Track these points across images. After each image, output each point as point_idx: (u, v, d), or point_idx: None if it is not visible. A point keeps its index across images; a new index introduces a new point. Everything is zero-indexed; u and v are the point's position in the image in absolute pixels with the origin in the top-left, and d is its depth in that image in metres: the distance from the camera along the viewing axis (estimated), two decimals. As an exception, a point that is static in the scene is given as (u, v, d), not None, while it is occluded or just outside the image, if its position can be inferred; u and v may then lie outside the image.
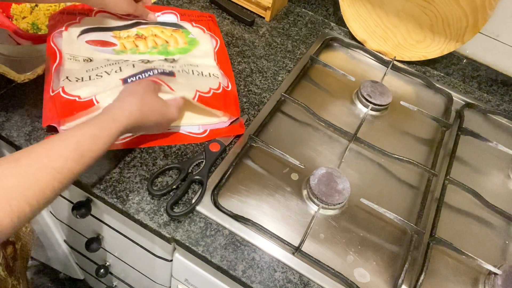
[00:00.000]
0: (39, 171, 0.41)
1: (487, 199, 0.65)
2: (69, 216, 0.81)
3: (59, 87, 0.57)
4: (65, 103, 0.55)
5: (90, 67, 0.60)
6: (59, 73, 0.59)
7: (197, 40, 0.72)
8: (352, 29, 0.87)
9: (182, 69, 0.64)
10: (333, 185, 0.61)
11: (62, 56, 0.61)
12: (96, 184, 0.57)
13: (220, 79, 0.67)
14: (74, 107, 0.55)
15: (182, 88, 0.60)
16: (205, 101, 0.61)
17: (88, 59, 0.62)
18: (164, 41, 0.69)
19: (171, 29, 0.72)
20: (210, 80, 0.66)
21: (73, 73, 0.59)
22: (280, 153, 0.63)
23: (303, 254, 0.55)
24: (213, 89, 0.64)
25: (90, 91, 0.57)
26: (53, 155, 0.43)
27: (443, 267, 0.59)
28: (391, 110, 0.78)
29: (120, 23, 0.69)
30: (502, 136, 0.79)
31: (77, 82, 0.58)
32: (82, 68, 0.60)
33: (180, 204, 0.57)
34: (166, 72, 0.59)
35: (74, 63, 0.61)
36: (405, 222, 0.59)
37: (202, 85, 0.63)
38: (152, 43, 0.68)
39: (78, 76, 0.59)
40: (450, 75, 0.87)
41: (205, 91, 0.62)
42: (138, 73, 0.58)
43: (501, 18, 0.75)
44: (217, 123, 0.65)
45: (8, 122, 0.60)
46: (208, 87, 0.63)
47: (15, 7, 0.73)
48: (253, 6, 0.88)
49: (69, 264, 1.11)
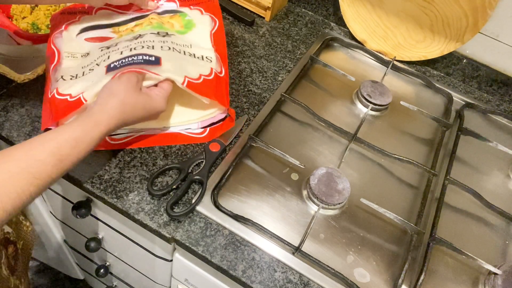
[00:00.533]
0: (16, 176, 0.40)
1: (487, 199, 0.65)
2: (69, 216, 0.81)
3: (54, 88, 0.57)
4: (58, 104, 0.55)
5: (86, 62, 0.60)
6: (56, 73, 0.59)
7: (194, 22, 0.70)
8: (352, 29, 0.87)
9: (173, 47, 0.61)
10: (333, 185, 0.61)
11: (61, 55, 0.61)
12: (96, 184, 0.57)
13: (213, 64, 0.64)
14: (66, 107, 0.54)
15: (169, 74, 0.57)
16: (194, 87, 0.58)
17: (86, 54, 0.62)
18: (160, 23, 0.68)
19: (168, 16, 0.71)
20: (202, 64, 0.63)
21: (69, 71, 0.59)
22: (280, 153, 0.63)
23: (303, 254, 0.55)
24: (203, 75, 0.61)
25: (81, 87, 0.56)
26: (31, 159, 0.41)
27: (443, 267, 0.59)
28: (391, 110, 0.78)
29: (119, 19, 0.69)
30: (502, 136, 0.79)
31: (71, 80, 0.57)
32: (78, 65, 0.60)
33: (180, 204, 0.57)
34: (152, 60, 0.56)
35: (71, 60, 0.60)
36: (405, 222, 0.59)
37: (192, 71, 0.60)
38: (148, 23, 0.66)
39: (73, 74, 0.58)
40: (450, 75, 0.87)
41: (195, 77, 0.59)
42: (121, 58, 0.55)
43: (501, 18, 0.75)
44: (214, 116, 0.64)
45: (8, 122, 0.60)
46: (199, 73, 0.61)
47: (15, 7, 0.73)
48: (253, 6, 0.88)
49: (69, 264, 1.11)
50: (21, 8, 0.73)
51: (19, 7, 0.73)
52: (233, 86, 0.73)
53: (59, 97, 0.55)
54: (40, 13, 0.74)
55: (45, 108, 0.57)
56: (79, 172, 0.57)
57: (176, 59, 0.60)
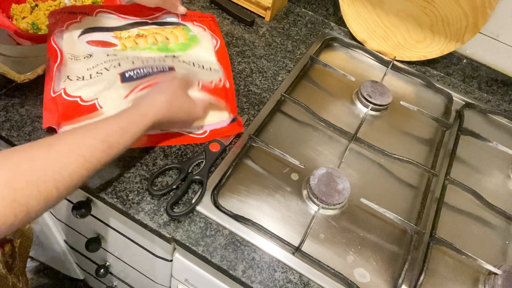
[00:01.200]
0: (69, 158, 0.42)
1: (487, 199, 0.65)
2: (69, 216, 0.81)
3: (60, 88, 0.57)
4: (67, 105, 0.56)
5: (91, 64, 0.60)
6: (61, 73, 0.59)
7: (198, 37, 0.72)
8: (352, 29, 0.87)
9: (183, 60, 0.64)
10: (333, 185, 0.61)
11: (64, 56, 0.61)
12: (96, 184, 0.57)
13: (221, 74, 0.67)
14: (76, 109, 0.56)
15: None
16: (208, 89, 0.61)
17: (88, 56, 0.62)
18: (165, 38, 0.69)
19: (171, 27, 0.72)
20: (212, 73, 0.66)
21: (75, 72, 0.59)
22: (280, 153, 0.63)
23: (303, 254, 0.55)
24: (215, 81, 0.64)
25: (91, 91, 0.57)
26: (83, 144, 0.44)
27: (443, 267, 0.59)
28: (391, 110, 0.78)
29: (121, 22, 0.69)
30: (502, 136, 0.79)
31: (78, 81, 0.58)
32: (82, 67, 0.60)
33: (180, 204, 0.57)
34: (166, 70, 0.59)
35: (75, 62, 0.61)
36: (405, 222, 0.59)
37: (204, 77, 0.63)
38: (152, 39, 0.68)
39: (79, 75, 0.59)
40: (450, 75, 0.87)
41: (208, 81, 0.63)
42: (135, 68, 0.58)
43: (501, 18, 0.75)
44: (217, 122, 0.65)
45: (8, 122, 0.60)
46: (210, 79, 0.64)
47: (15, 7, 0.73)
48: (253, 6, 0.88)
49: (69, 264, 1.11)
50: (21, 8, 0.73)
51: (19, 7, 0.73)
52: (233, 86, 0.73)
53: (67, 98, 0.56)
54: (40, 13, 0.74)
55: (48, 107, 0.57)
56: (79, 172, 0.57)
57: (187, 69, 0.63)
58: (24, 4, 0.74)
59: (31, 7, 0.74)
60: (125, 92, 0.58)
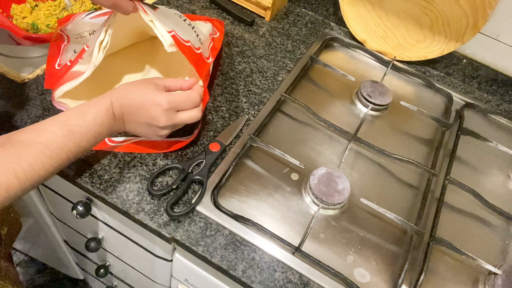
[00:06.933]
0: (26, 146, 0.42)
1: (487, 199, 0.65)
2: (69, 216, 0.81)
3: (66, 61, 0.59)
4: (71, 72, 0.57)
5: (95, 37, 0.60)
6: (68, 51, 0.62)
7: (198, 23, 0.71)
8: (352, 29, 0.87)
9: (174, 13, 0.60)
10: (333, 185, 0.61)
11: (70, 38, 0.63)
12: (96, 184, 0.57)
13: (203, 46, 0.62)
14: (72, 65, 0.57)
15: (160, 22, 0.54)
16: (180, 45, 0.55)
17: (92, 32, 0.63)
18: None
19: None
20: (194, 37, 0.60)
21: (80, 47, 0.60)
22: (280, 153, 0.63)
23: (303, 254, 0.55)
24: (192, 45, 0.58)
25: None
26: (41, 130, 0.45)
27: (443, 267, 0.59)
28: (391, 110, 0.78)
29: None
30: (502, 136, 0.79)
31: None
32: (86, 42, 0.61)
33: (180, 204, 0.57)
34: (150, 4, 0.55)
35: (81, 40, 0.63)
36: (405, 222, 0.59)
37: (183, 34, 0.57)
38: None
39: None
40: (450, 75, 0.87)
41: (184, 39, 0.56)
42: None
43: (501, 18, 0.75)
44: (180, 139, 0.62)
45: (8, 122, 0.60)
46: (188, 39, 0.58)
47: (15, 7, 0.73)
48: (253, 6, 0.88)
49: (69, 264, 1.11)
50: (21, 8, 0.73)
51: (19, 7, 0.73)
52: (233, 86, 0.73)
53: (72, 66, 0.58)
54: (40, 13, 0.74)
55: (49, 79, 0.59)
56: (79, 172, 0.57)
57: (171, 16, 0.58)
58: (24, 4, 0.74)
59: (31, 7, 0.74)
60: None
